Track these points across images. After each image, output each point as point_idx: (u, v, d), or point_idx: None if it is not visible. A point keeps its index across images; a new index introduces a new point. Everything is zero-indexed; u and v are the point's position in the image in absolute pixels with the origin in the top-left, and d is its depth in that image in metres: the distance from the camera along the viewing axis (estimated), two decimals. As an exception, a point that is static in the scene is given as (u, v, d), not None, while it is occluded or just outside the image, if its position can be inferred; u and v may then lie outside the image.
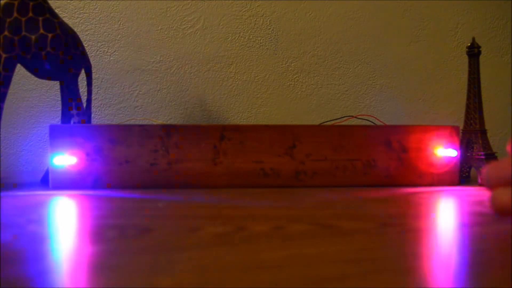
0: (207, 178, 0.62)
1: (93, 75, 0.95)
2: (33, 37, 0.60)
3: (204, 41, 1.02)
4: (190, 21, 1.02)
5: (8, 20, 0.59)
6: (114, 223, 0.37)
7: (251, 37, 1.04)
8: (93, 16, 0.98)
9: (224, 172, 0.62)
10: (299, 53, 1.05)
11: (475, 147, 0.69)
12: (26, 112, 0.96)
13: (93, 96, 0.96)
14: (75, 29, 0.90)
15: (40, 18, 0.61)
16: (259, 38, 1.04)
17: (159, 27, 1.00)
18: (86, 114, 0.67)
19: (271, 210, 0.44)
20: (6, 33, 0.59)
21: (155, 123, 0.66)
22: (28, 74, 0.66)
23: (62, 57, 0.62)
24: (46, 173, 0.65)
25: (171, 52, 1.01)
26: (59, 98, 0.72)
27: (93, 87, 0.96)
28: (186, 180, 0.61)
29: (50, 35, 0.61)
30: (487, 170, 0.30)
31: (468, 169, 0.72)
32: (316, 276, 0.23)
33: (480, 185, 0.65)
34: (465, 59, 0.89)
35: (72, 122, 0.65)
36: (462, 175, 0.71)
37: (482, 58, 0.74)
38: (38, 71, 0.63)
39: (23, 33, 0.59)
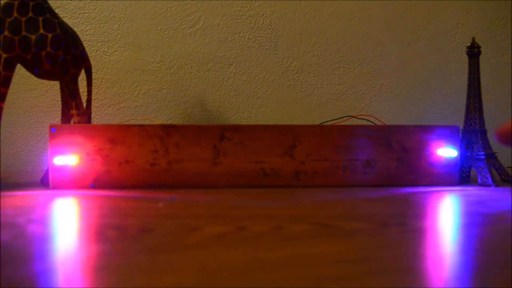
0: (207, 178, 0.62)
1: (93, 75, 0.95)
2: (33, 37, 0.60)
3: (204, 41, 1.02)
4: (190, 21, 1.02)
5: (8, 20, 0.59)
6: (114, 223, 0.37)
7: (251, 37, 1.04)
8: (93, 16, 0.98)
9: (224, 172, 0.62)
10: (299, 53, 1.05)
11: (475, 147, 0.69)
12: (26, 112, 0.96)
13: (93, 96, 0.96)
14: (75, 29, 0.90)
15: (40, 18, 0.61)
16: (259, 38, 1.04)
17: (159, 27, 1.00)
18: (86, 114, 0.67)
19: (271, 210, 0.44)
20: (6, 33, 0.59)
21: (155, 123, 0.66)
22: (28, 74, 0.66)
23: (62, 57, 0.62)
24: (46, 173, 0.65)
25: (171, 52, 1.01)
26: (59, 98, 0.72)
27: (93, 87, 0.96)
28: (186, 180, 0.61)
29: (50, 35, 0.61)
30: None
31: (468, 169, 0.72)
32: (316, 276, 0.23)
33: (480, 185, 0.65)
34: (465, 59, 0.89)
35: (72, 122, 0.65)
36: (462, 175, 0.71)
37: (482, 58, 0.74)
38: (38, 71, 0.63)
39: (23, 33, 0.59)
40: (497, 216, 0.41)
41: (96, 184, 0.60)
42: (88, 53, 0.71)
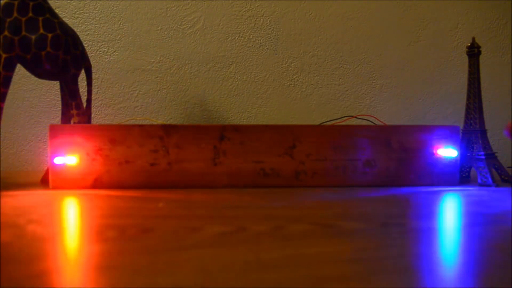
0: (207, 178, 0.62)
1: (93, 75, 0.95)
2: (33, 37, 0.60)
3: (204, 41, 1.02)
4: (190, 21, 1.02)
5: (8, 20, 0.59)
6: (114, 223, 0.37)
7: (251, 37, 1.04)
8: (93, 16, 0.98)
9: (224, 172, 0.62)
10: (299, 53, 1.05)
11: (475, 147, 0.69)
12: (26, 112, 0.96)
13: (93, 96, 0.96)
14: (75, 29, 0.90)
15: (40, 18, 0.61)
16: (259, 38, 1.04)
17: (159, 27, 1.00)
18: (86, 114, 0.67)
19: (271, 210, 0.44)
20: (6, 33, 0.59)
21: (155, 123, 0.66)
22: (28, 74, 0.66)
23: (62, 57, 0.62)
24: (46, 173, 0.65)
25: (171, 52, 1.01)
26: (59, 98, 0.72)
27: (93, 87, 0.96)
28: (186, 180, 0.61)
29: (50, 35, 0.61)
30: None
31: (468, 169, 0.72)
32: (316, 276, 0.23)
33: (480, 185, 0.65)
34: (465, 59, 0.89)
35: (72, 122, 0.65)
36: (462, 175, 0.71)
37: (482, 58, 0.74)
38: (38, 71, 0.63)
39: (23, 33, 0.59)
40: (497, 216, 0.41)
41: (96, 184, 0.60)
42: (88, 53, 0.71)
